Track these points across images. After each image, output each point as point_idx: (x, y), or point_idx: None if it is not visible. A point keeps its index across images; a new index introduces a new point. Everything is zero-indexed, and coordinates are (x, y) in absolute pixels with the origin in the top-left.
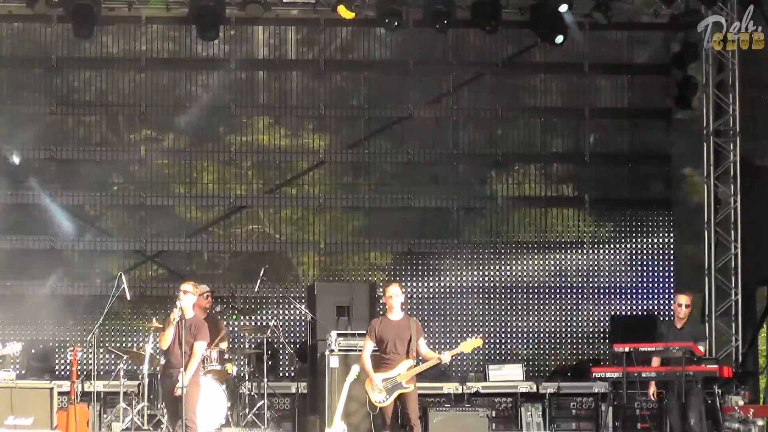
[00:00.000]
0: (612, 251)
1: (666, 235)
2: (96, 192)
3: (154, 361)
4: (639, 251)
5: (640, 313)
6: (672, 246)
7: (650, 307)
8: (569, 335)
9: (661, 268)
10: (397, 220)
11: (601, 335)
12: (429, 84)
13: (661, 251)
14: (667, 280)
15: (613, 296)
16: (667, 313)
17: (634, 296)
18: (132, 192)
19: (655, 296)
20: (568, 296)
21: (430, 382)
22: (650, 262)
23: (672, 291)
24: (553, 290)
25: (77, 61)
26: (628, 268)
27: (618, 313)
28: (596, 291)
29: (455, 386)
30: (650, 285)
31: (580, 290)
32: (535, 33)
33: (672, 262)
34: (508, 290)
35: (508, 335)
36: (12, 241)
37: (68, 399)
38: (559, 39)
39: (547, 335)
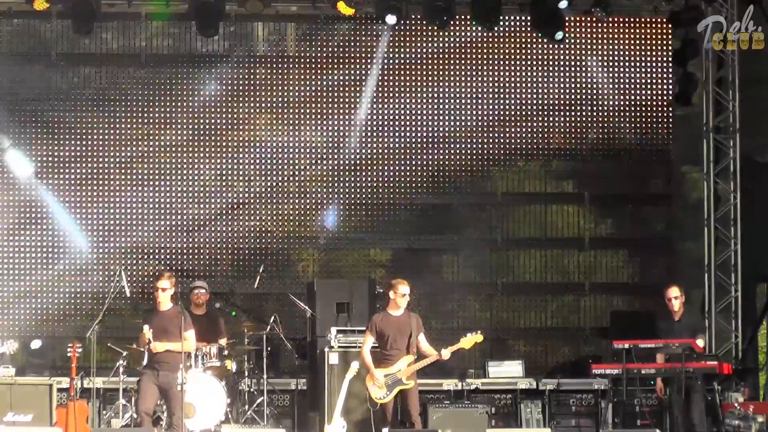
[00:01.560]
0: (612, 247)
1: (666, 231)
2: (96, 188)
3: None
4: (639, 247)
5: (640, 309)
6: (672, 242)
7: (650, 304)
8: (569, 332)
9: (660, 265)
10: (396, 216)
11: (601, 332)
12: (429, 80)
13: (661, 248)
14: (667, 276)
15: (612, 292)
16: (667, 309)
17: (634, 293)
18: (132, 188)
19: (655, 293)
20: (568, 292)
21: (429, 378)
22: (650, 259)
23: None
24: (552, 286)
25: (77, 57)
26: (628, 264)
27: (618, 309)
28: (596, 287)
29: (455, 383)
30: (650, 281)
31: (579, 286)
32: (535, 29)
33: (672, 259)
34: (508, 286)
35: (508, 331)
36: (12, 238)
37: (67, 395)
38: (559, 35)
39: (546, 332)
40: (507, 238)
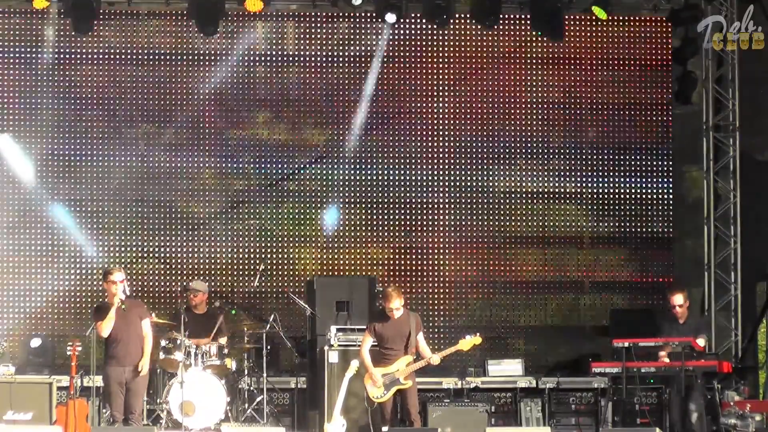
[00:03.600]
0: (612, 246)
1: (665, 229)
2: (95, 187)
3: (154, 356)
4: (639, 246)
5: (639, 308)
6: (671, 241)
7: (650, 302)
8: (569, 330)
9: (660, 263)
10: (396, 214)
11: (601, 330)
12: (428, 78)
13: (660, 246)
14: (666, 275)
15: (612, 291)
16: (667, 308)
17: (634, 291)
18: (131, 187)
19: (655, 291)
20: (568, 291)
21: (429, 376)
22: (650, 257)
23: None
24: (552, 285)
25: (77, 56)
26: (628, 263)
27: (617, 307)
28: (596, 286)
29: (454, 381)
30: (650, 280)
31: (579, 285)
32: (534, 27)
33: (671, 257)
34: (508, 285)
35: (508, 330)
36: (12, 236)
37: (67, 394)
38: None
39: (546, 330)
40: (507, 236)
